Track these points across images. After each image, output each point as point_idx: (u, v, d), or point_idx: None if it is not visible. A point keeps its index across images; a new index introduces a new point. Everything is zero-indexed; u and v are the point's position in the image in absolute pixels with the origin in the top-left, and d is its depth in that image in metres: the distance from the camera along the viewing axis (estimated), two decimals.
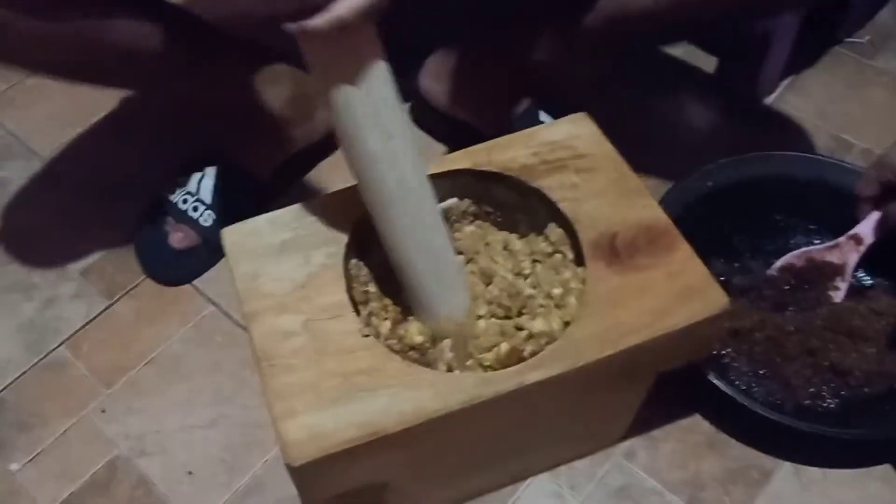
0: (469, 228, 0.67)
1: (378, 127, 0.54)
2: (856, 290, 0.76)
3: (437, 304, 0.60)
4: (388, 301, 0.63)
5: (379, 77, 0.53)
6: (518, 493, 0.70)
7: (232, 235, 0.61)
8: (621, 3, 0.71)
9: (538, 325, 0.58)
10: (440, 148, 0.94)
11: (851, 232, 0.76)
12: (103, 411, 0.77)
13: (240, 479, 0.73)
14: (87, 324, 0.83)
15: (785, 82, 1.00)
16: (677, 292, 0.57)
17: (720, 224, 0.81)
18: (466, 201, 0.66)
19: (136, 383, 0.79)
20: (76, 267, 0.87)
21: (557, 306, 0.60)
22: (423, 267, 0.59)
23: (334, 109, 0.54)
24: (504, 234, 0.66)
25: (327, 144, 0.94)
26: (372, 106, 0.53)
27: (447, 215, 0.66)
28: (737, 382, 0.71)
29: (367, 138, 0.54)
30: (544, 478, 0.71)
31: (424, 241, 0.58)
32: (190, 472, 0.73)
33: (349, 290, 0.59)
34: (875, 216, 0.74)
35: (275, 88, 0.86)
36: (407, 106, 0.93)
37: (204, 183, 0.84)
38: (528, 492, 0.70)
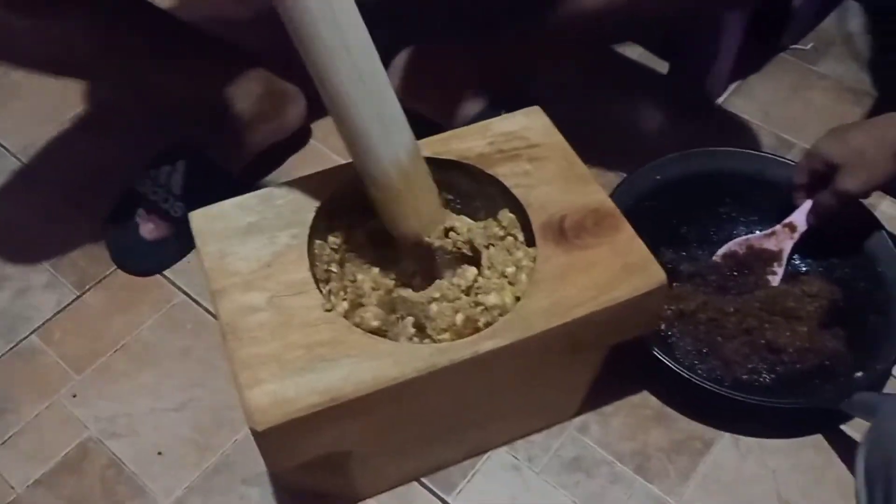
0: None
1: None
2: (792, 275, 0.81)
3: (381, 147, 0.59)
4: (347, 282, 0.66)
5: None
6: (478, 465, 0.74)
7: (199, 218, 0.64)
8: (576, 2, 0.75)
9: (492, 299, 0.62)
10: None
11: (786, 220, 0.81)
12: (74, 396, 0.79)
13: (210, 458, 0.75)
14: (58, 313, 0.85)
15: (733, 86, 1.06)
16: (620, 269, 0.61)
17: (669, 215, 0.86)
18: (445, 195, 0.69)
19: (106, 369, 0.81)
20: (48, 258, 0.89)
21: (511, 283, 0.64)
22: (360, 103, 0.57)
23: None
24: (461, 218, 0.70)
25: (298, 140, 0.98)
26: None
27: None
28: (682, 360, 0.76)
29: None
30: (502, 451, 0.74)
31: (359, 72, 0.56)
32: (160, 453, 0.76)
33: (312, 268, 0.62)
34: (808, 205, 0.79)
35: (246, 85, 0.89)
36: None
37: (175, 176, 0.87)
38: (488, 464, 0.74)
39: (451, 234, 0.66)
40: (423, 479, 0.73)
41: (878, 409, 0.58)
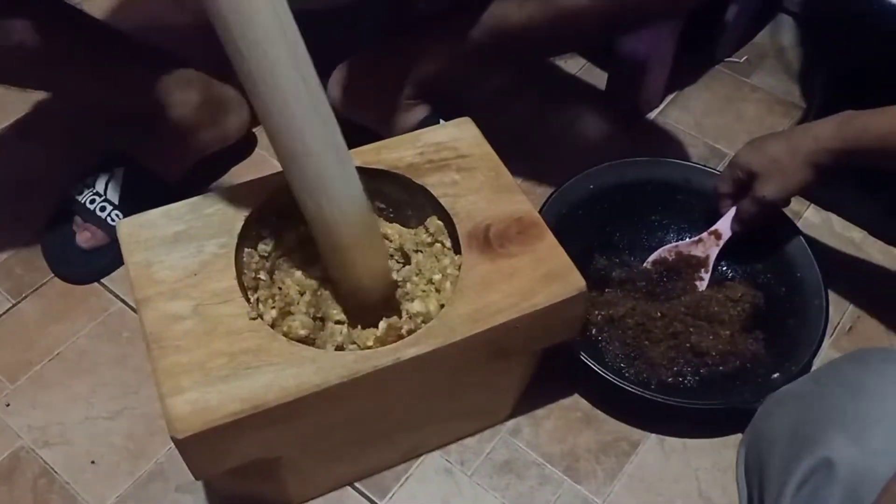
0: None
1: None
2: (718, 281, 0.84)
3: (339, 185, 0.58)
4: (276, 290, 0.67)
5: None
6: (411, 469, 0.75)
7: (127, 227, 0.64)
8: (501, 17, 0.77)
9: (415, 306, 0.63)
10: None
11: (712, 228, 0.83)
12: (7, 405, 0.79)
13: (143, 466, 0.75)
14: None
15: (669, 97, 1.09)
16: (542, 276, 0.62)
17: (602, 223, 0.88)
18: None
19: (40, 378, 0.81)
20: None
21: (437, 290, 0.65)
22: (318, 142, 0.56)
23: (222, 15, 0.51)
24: (393, 226, 0.71)
25: (242, 148, 0.98)
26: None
27: None
28: (610, 363, 0.78)
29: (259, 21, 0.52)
30: (436, 454, 0.76)
31: (316, 110, 0.55)
32: (93, 462, 0.76)
33: (240, 276, 0.63)
34: (732, 212, 0.82)
35: (184, 93, 0.89)
36: None
37: (112, 184, 0.87)
38: (421, 468, 0.75)
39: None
40: (357, 484, 0.74)
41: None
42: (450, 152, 0.71)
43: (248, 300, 0.62)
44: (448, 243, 0.68)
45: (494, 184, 0.69)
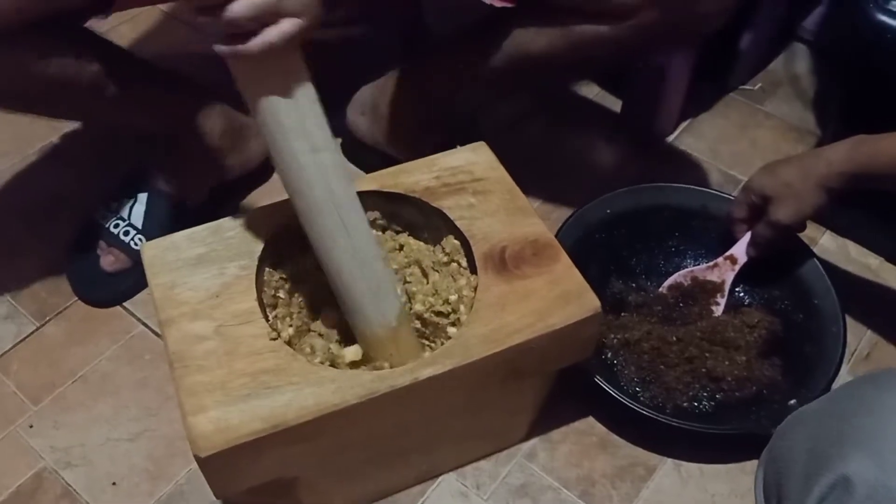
0: (376, 232, 0.72)
1: (305, 139, 0.58)
2: (734, 306, 0.84)
3: (370, 311, 0.64)
4: (294, 309, 0.68)
5: (305, 94, 0.58)
6: (427, 492, 0.75)
7: (151, 249, 0.66)
8: (521, 44, 0.79)
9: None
10: None
11: (727, 253, 0.84)
12: (31, 426, 0.80)
13: (163, 488, 0.76)
14: (17, 344, 0.86)
15: (683, 124, 1.10)
16: (557, 297, 0.63)
17: (619, 247, 0.89)
18: (375, 213, 0.72)
19: (63, 399, 0.82)
20: (8, 289, 0.90)
21: (453, 311, 0.66)
22: (353, 275, 0.62)
23: (263, 124, 0.58)
24: (404, 237, 0.72)
25: (260, 174, 1.00)
26: (298, 120, 0.58)
27: None
28: (625, 387, 0.78)
29: (294, 150, 0.58)
30: (451, 478, 0.76)
31: (354, 249, 0.62)
32: (114, 483, 0.77)
33: (260, 297, 0.64)
34: (747, 237, 0.82)
35: (208, 120, 0.91)
36: (338, 141, 1.00)
37: (136, 208, 0.89)
38: (437, 492, 0.75)
39: (400, 253, 0.69)
40: None
41: None
42: (466, 176, 0.72)
43: (267, 318, 0.63)
44: (464, 263, 0.69)
45: (510, 206, 0.70)
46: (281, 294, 0.67)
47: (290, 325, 0.66)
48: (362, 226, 0.62)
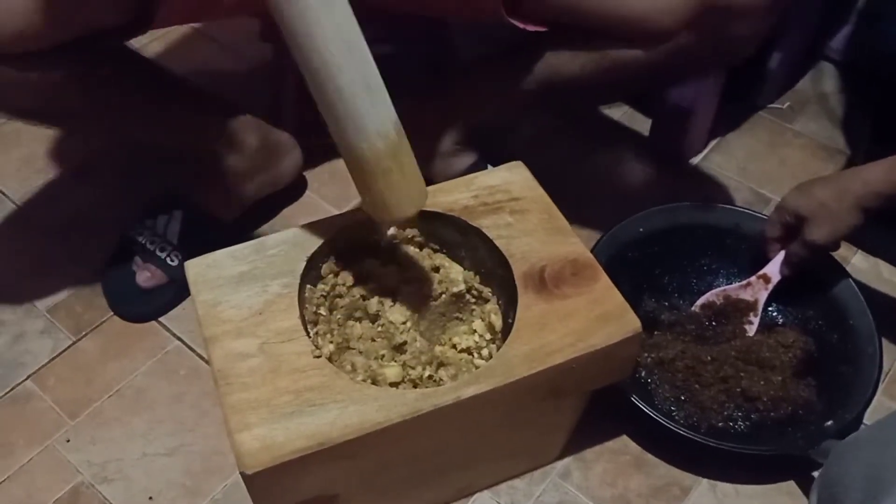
0: (413, 249, 0.73)
1: None
2: (768, 325, 0.84)
3: (365, 114, 0.57)
4: (334, 326, 0.68)
5: None
6: None
7: (194, 267, 0.67)
8: (554, 67, 0.80)
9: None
10: None
11: (761, 272, 0.84)
12: (68, 441, 0.81)
13: (199, 503, 0.76)
14: (53, 358, 0.87)
15: (712, 143, 1.10)
16: (597, 317, 0.64)
17: (652, 266, 0.89)
18: (414, 230, 0.72)
19: (100, 414, 0.83)
20: (44, 305, 0.92)
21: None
22: (342, 62, 0.55)
23: None
24: (440, 257, 0.73)
25: (293, 190, 1.01)
26: None
27: (394, 239, 0.71)
28: (660, 406, 0.78)
29: None
30: (486, 496, 0.76)
31: (338, 26, 0.55)
32: (150, 498, 0.77)
33: (302, 315, 0.65)
34: (781, 256, 0.82)
35: (241, 137, 0.92)
36: None
37: (171, 225, 0.90)
38: None
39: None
40: None
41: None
42: (503, 195, 0.73)
43: (309, 337, 0.64)
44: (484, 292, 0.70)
45: (548, 226, 0.70)
46: (322, 311, 0.68)
47: (331, 342, 0.66)
48: (352, 18, 0.55)
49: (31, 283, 0.94)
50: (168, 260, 0.89)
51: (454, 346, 0.71)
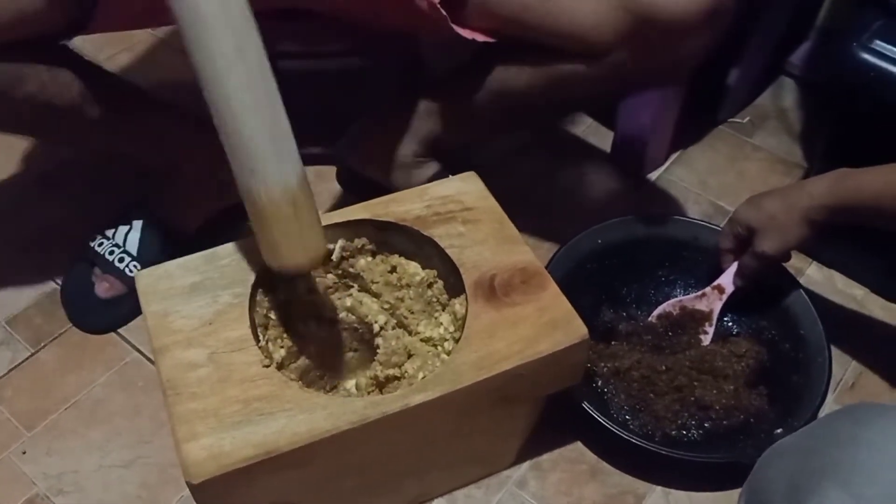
0: (365, 259, 0.73)
1: None
2: (722, 336, 0.85)
3: (268, 162, 0.58)
4: (283, 330, 0.69)
5: None
6: None
7: (145, 278, 0.67)
8: (502, 81, 0.81)
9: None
10: None
11: (715, 282, 0.85)
12: (24, 453, 0.80)
13: None
14: (11, 370, 0.87)
15: (673, 156, 1.12)
16: (545, 324, 0.64)
17: (610, 277, 0.90)
18: (363, 239, 0.73)
19: (57, 426, 0.82)
20: (2, 316, 0.91)
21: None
22: (250, 111, 0.56)
23: None
24: (396, 258, 0.73)
25: None
26: None
27: (343, 251, 0.72)
28: (615, 415, 0.79)
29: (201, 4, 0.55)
30: None
31: (249, 77, 0.56)
32: None
33: (253, 325, 0.65)
34: (734, 267, 0.83)
35: (205, 149, 0.91)
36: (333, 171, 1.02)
37: (131, 235, 0.90)
38: None
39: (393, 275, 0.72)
40: None
41: None
42: (456, 205, 0.74)
43: (258, 341, 0.64)
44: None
45: (499, 235, 0.71)
46: (272, 315, 0.68)
47: (282, 347, 0.66)
48: (259, 52, 0.56)
49: None
50: (127, 270, 0.89)
51: (421, 338, 0.71)
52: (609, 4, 0.70)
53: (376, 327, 0.71)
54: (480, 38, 0.78)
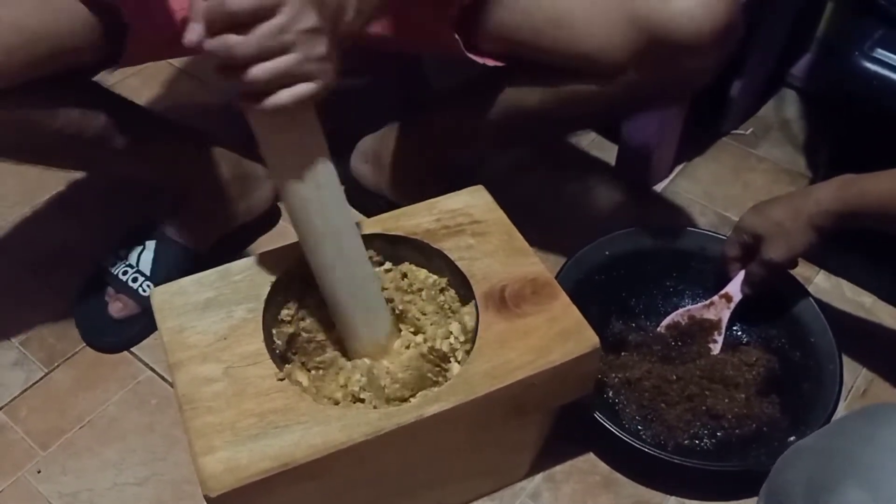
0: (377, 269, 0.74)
1: (311, 179, 0.61)
2: (732, 345, 0.86)
3: (363, 332, 0.68)
4: (299, 345, 0.70)
5: (314, 142, 0.60)
6: None
7: (160, 295, 0.68)
8: (514, 100, 0.81)
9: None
10: None
11: (722, 291, 0.86)
12: (39, 472, 0.81)
13: None
14: (25, 390, 0.87)
15: (678, 168, 1.13)
16: (556, 334, 0.65)
17: (619, 288, 0.90)
18: (371, 251, 0.73)
19: (71, 445, 0.83)
20: (17, 336, 0.92)
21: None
22: (349, 300, 0.66)
23: (273, 168, 0.61)
24: (406, 265, 0.74)
25: (267, 219, 1.03)
26: (306, 164, 0.60)
27: None
28: (627, 425, 0.79)
29: (300, 188, 0.61)
30: None
31: (351, 276, 0.66)
32: None
33: (267, 339, 0.66)
34: (741, 275, 0.84)
35: (215, 169, 0.94)
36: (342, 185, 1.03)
37: (144, 255, 0.91)
38: None
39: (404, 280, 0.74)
40: None
41: None
42: (464, 218, 0.75)
43: (273, 362, 0.65)
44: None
45: (508, 247, 0.72)
46: (285, 329, 0.69)
47: (294, 353, 0.67)
48: (359, 252, 0.66)
49: (3, 315, 0.94)
50: (140, 290, 0.90)
51: (433, 349, 0.71)
52: (621, 25, 0.70)
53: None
54: (491, 63, 0.78)
